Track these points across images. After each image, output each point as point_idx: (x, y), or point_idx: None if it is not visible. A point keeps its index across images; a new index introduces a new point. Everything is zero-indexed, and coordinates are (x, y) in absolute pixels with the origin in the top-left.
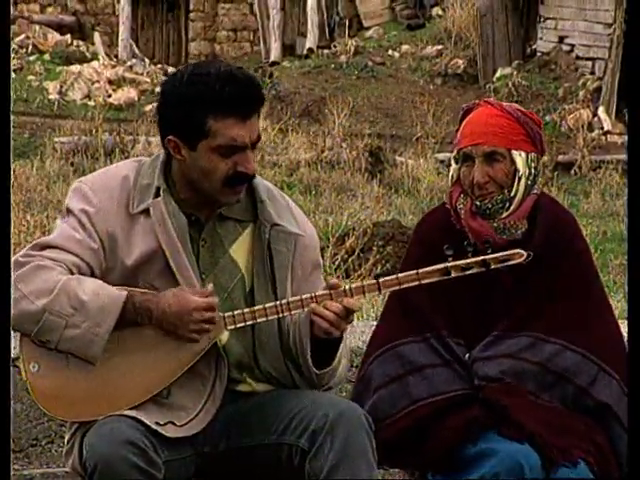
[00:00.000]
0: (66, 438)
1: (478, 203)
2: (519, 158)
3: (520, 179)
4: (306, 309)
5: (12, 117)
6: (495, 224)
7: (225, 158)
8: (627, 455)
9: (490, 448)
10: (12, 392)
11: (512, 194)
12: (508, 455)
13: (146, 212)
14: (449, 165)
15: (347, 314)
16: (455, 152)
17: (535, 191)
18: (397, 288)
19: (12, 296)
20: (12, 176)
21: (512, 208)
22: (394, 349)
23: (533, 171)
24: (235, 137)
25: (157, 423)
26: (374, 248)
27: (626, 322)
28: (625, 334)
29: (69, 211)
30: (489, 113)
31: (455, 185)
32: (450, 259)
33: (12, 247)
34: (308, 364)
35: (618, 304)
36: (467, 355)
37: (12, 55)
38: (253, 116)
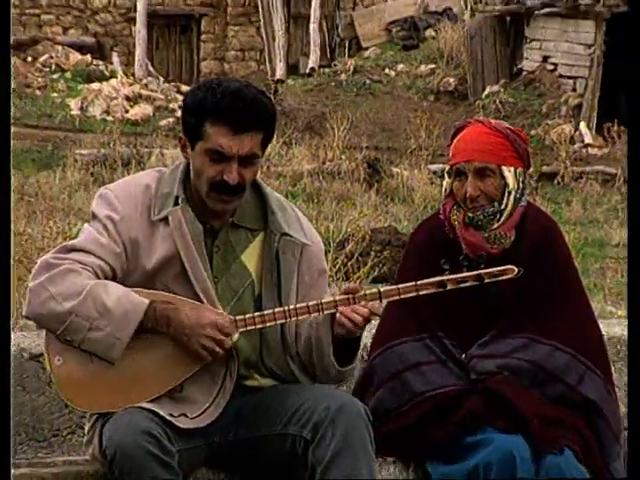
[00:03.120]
0: (86, 428)
1: (470, 215)
2: (509, 173)
3: (510, 193)
4: (312, 315)
5: (37, 131)
6: (486, 234)
7: (214, 164)
8: (627, 455)
9: (485, 438)
10: (29, 386)
11: (502, 207)
12: (501, 445)
13: (165, 219)
14: (442, 176)
15: (369, 317)
16: (448, 167)
17: (523, 203)
18: (397, 298)
19: (39, 295)
20: (37, 185)
21: (502, 220)
22: (393, 348)
23: (521, 185)
24: (222, 145)
25: (171, 415)
26: (372, 252)
27: (605, 322)
28: (620, 336)
29: (95, 216)
30: (480, 131)
31: (448, 198)
32: (447, 273)
33: (36, 252)
34: (333, 363)
35: (598, 305)
36: (463, 355)
37: (37, 74)
38: (248, 132)
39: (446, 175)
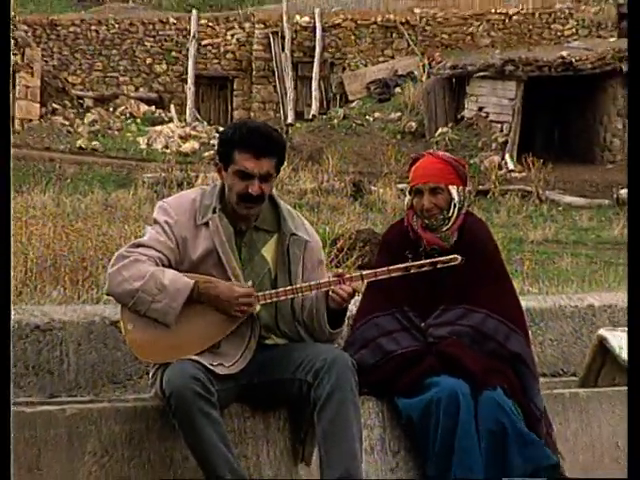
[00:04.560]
0: (150, 374)
1: (427, 222)
2: (454, 191)
3: (455, 205)
4: (313, 292)
5: (116, 161)
6: (439, 235)
7: (241, 181)
8: (627, 454)
9: (436, 381)
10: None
11: (449, 215)
12: (447, 386)
13: (206, 224)
14: (406, 193)
15: (353, 294)
16: (409, 188)
17: (463, 212)
18: (374, 279)
19: (116, 278)
20: (116, 199)
21: (450, 224)
22: (371, 320)
23: (462, 198)
24: (246, 166)
25: (211, 364)
26: (356, 248)
27: (523, 297)
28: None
29: (156, 221)
30: (433, 161)
31: (409, 210)
32: (410, 260)
33: (115, 248)
34: (326, 327)
35: (518, 285)
36: (422, 324)
37: (116, 119)
38: (266, 157)
39: (407, 193)
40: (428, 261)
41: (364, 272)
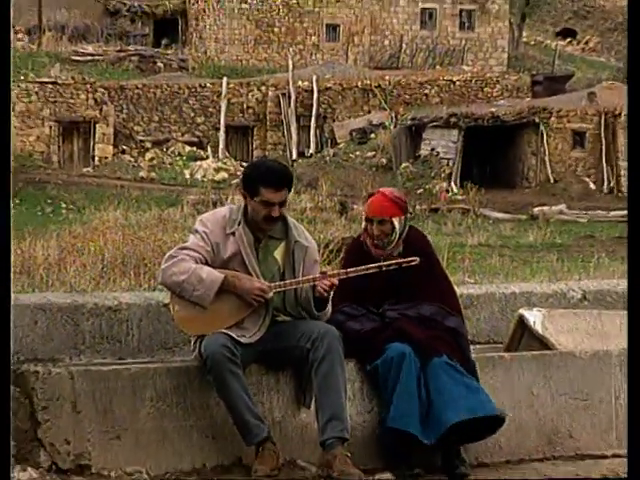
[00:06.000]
0: (192, 343)
1: (376, 242)
2: (396, 221)
3: (396, 232)
4: (311, 283)
5: (169, 187)
6: (387, 251)
7: (265, 207)
8: (627, 454)
9: (389, 346)
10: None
11: (392, 238)
12: (397, 348)
13: (233, 233)
14: None
15: (332, 286)
16: (365, 216)
17: (405, 233)
18: (354, 275)
19: (167, 272)
20: (167, 215)
21: (393, 245)
22: (341, 309)
23: (403, 225)
24: (269, 198)
25: (237, 336)
26: (342, 250)
27: (463, 286)
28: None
29: (196, 231)
30: (381, 199)
31: (364, 232)
32: (382, 261)
33: (167, 250)
34: (313, 310)
35: (460, 277)
36: (379, 310)
37: (167, 157)
38: (283, 190)
39: (364, 220)
40: (394, 262)
41: (342, 270)
